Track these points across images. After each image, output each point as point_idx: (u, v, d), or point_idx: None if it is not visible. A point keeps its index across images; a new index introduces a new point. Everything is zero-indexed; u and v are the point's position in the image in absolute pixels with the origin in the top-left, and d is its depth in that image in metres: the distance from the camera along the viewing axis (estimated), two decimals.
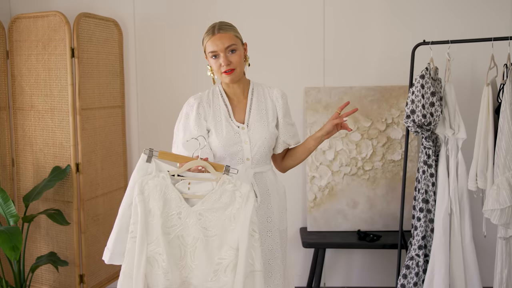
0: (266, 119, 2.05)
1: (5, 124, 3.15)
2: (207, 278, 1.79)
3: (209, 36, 1.98)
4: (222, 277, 1.79)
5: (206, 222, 1.81)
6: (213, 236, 1.81)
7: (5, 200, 2.74)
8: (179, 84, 3.42)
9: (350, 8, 3.32)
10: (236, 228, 1.80)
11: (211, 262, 1.80)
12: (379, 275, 3.46)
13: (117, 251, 1.90)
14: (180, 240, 1.82)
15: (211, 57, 1.99)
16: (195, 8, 3.38)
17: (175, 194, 1.82)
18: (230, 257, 1.79)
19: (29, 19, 3.00)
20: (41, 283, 3.15)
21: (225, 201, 1.81)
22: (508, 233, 2.57)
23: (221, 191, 1.81)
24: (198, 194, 1.83)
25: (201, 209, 1.81)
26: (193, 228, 1.81)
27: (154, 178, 1.82)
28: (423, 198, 2.74)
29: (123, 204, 1.89)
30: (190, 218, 1.81)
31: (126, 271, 1.83)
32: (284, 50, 3.36)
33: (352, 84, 3.34)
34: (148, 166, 1.86)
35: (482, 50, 3.12)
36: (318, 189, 3.29)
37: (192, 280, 1.81)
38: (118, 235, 1.90)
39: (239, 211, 1.80)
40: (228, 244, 1.80)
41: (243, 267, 1.77)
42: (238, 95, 2.08)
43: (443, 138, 2.72)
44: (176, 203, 1.81)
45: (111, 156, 3.25)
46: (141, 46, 3.43)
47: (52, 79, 2.97)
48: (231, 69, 1.98)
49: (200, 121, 2.02)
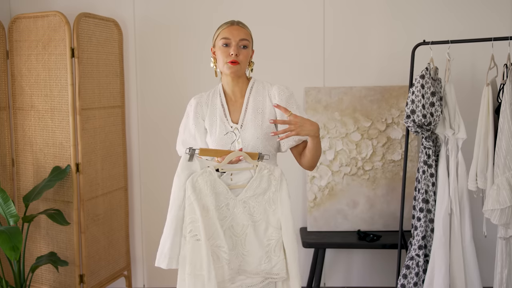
0: (261, 118, 2.02)
1: (5, 124, 3.15)
2: (260, 261, 1.92)
3: (227, 25, 2.02)
4: (273, 257, 1.93)
5: (251, 208, 1.94)
6: (259, 220, 1.94)
7: (5, 200, 2.74)
8: (179, 84, 3.42)
9: (350, 8, 3.32)
10: (276, 209, 1.95)
11: (262, 245, 1.93)
12: (379, 275, 3.46)
13: (174, 255, 1.90)
14: (231, 231, 1.92)
15: (222, 45, 1.99)
16: (195, 8, 3.38)
17: (222, 186, 1.91)
18: (276, 237, 1.94)
19: (29, 19, 3.00)
20: (41, 283, 3.15)
21: (264, 186, 1.94)
22: (508, 233, 2.57)
23: (260, 177, 1.94)
24: (240, 183, 1.95)
25: (245, 197, 1.93)
26: (241, 216, 1.92)
27: (202, 175, 1.88)
28: (423, 198, 2.74)
29: (174, 206, 1.89)
30: (237, 208, 1.92)
31: (191, 272, 1.85)
32: (284, 50, 3.36)
33: (352, 84, 3.34)
34: (191, 165, 1.90)
35: (482, 50, 3.12)
36: (318, 189, 3.29)
37: (245, 267, 1.93)
38: (174, 237, 1.89)
39: (276, 194, 1.95)
40: (272, 226, 1.94)
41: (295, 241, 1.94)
42: (236, 93, 2.07)
43: (443, 138, 2.72)
44: (224, 195, 1.91)
45: (111, 156, 3.25)
46: (141, 46, 3.43)
47: (52, 79, 2.97)
48: (237, 62, 1.98)
49: (198, 121, 2.06)
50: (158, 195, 3.45)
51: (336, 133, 3.27)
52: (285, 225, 1.94)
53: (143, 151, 3.50)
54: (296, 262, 1.93)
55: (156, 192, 3.47)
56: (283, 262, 1.94)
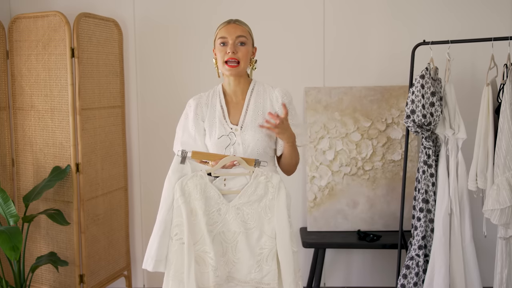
0: (261, 120, 2.01)
1: (5, 124, 3.15)
2: (250, 270, 1.88)
3: (224, 24, 2.02)
4: (264, 266, 1.88)
5: (244, 215, 1.89)
6: (252, 228, 1.89)
7: (5, 200, 2.74)
8: (179, 84, 3.42)
9: (350, 8, 3.32)
10: (271, 217, 1.89)
11: (253, 253, 1.88)
12: (379, 275, 3.46)
13: (161, 258, 1.88)
14: (222, 237, 1.88)
15: (220, 44, 2.00)
16: (195, 8, 3.38)
17: (214, 191, 1.87)
18: (269, 246, 1.88)
19: (29, 19, 3.00)
20: (41, 283, 3.15)
21: (260, 193, 1.89)
22: (508, 233, 2.57)
23: (256, 183, 1.89)
24: (234, 189, 1.90)
25: (238, 203, 1.89)
26: (233, 223, 1.88)
27: (193, 178, 1.86)
28: (423, 198, 2.74)
29: (163, 209, 1.90)
30: (229, 214, 1.88)
31: (174, 275, 1.85)
32: (284, 50, 3.36)
33: (352, 84, 3.34)
34: (183, 168, 1.88)
35: (482, 50, 3.12)
36: (318, 189, 3.29)
37: (235, 274, 1.89)
38: (161, 240, 1.88)
39: (273, 201, 1.90)
40: (266, 234, 1.89)
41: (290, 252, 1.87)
42: (237, 94, 2.06)
43: (443, 138, 2.72)
44: (215, 200, 1.88)
45: (111, 156, 3.25)
46: (141, 46, 3.43)
47: (52, 79, 2.97)
48: (236, 61, 1.97)
49: (197, 122, 2.04)
50: (158, 195, 3.41)
51: (336, 133, 3.27)
52: (280, 235, 1.87)
53: (143, 151, 3.50)
54: (291, 272, 1.86)
55: (156, 192, 3.45)
56: (275, 272, 1.88)
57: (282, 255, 1.87)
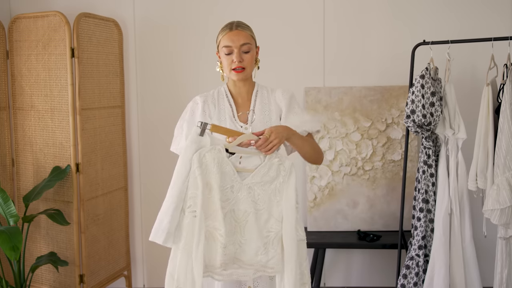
0: (269, 119, 2.06)
1: (5, 124, 3.15)
2: (257, 251, 1.85)
3: (226, 31, 2.01)
4: (270, 249, 1.86)
5: (255, 195, 1.88)
6: (261, 209, 1.88)
7: (5, 200, 2.74)
8: (179, 84, 3.42)
9: (350, 8, 3.32)
10: (280, 201, 1.89)
11: (261, 235, 1.86)
12: (379, 275, 3.46)
13: (171, 231, 1.83)
14: (232, 215, 1.86)
15: (225, 53, 2.00)
16: (195, 8, 3.38)
17: (229, 167, 1.86)
18: (276, 229, 1.87)
19: (29, 19, 3.00)
20: (41, 283, 3.15)
21: (272, 174, 1.89)
22: (508, 233, 2.57)
23: (269, 164, 1.89)
24: (249, 168, 1.89)
25: (251, 182, 1.87)
26: (245, 202, 1.86)
27: (211, 151, 1.84)
28: (423, 198, 2.74)
29: (179, 180, 1.83)
30: (241, 192, 1.87)
31: (184, 247, 1.80)
32: (284, 50, 3.36)
33: (352, 84, 3.34)
34: (201, 140, 1.85)
35: (482, 50, 3.12)
36: (318, 189, 3.29)
37: (240, 256, 1.86)
38: (174, 213, 1.82)
39: (283, 185, 1.89)
40: (274, 217, 1.88)
41: (294, 237, 1.85)
42: (243, 95, 2.09)
43: (443, 138, 2.72)
44: (230, 176, 1.86)
45: (111, 156, 3.25)
46: (141, 46, 3.43)
47: (52, 79, 2.97)
48: (242, 68, 1.99)
49: (205, 118, 2.04)
50: (158, 195, 3.44)
51: (336, 133, 3.27)
52: (286, 218, 1.87)
53: (143, 151, 3.50)
54: (294, 257, 1.85)
55: (156, 192, 3.46)
56: (279, 257, 1.86)
57: (286, 240, 1.86)
